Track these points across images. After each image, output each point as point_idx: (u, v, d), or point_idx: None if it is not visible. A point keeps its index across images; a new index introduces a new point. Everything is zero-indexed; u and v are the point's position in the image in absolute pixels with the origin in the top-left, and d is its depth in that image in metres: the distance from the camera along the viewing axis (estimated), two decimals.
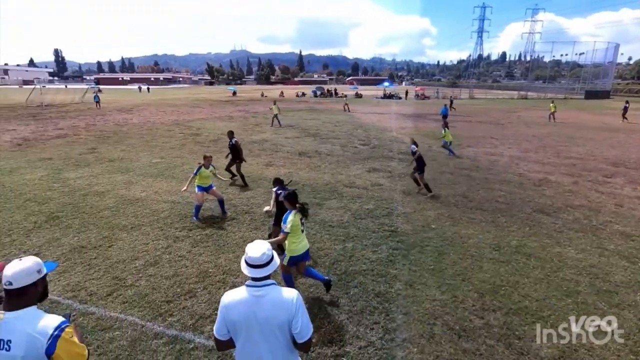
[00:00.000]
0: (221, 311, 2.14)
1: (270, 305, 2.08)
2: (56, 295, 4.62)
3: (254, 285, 2.12)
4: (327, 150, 14.16)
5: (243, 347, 2.14)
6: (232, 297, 2.15)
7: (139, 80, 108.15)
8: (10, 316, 1.83)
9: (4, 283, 1.83)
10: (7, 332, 1.80)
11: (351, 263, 5.51)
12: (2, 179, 9.74)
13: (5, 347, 1.79)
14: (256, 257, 2.11)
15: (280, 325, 2.08)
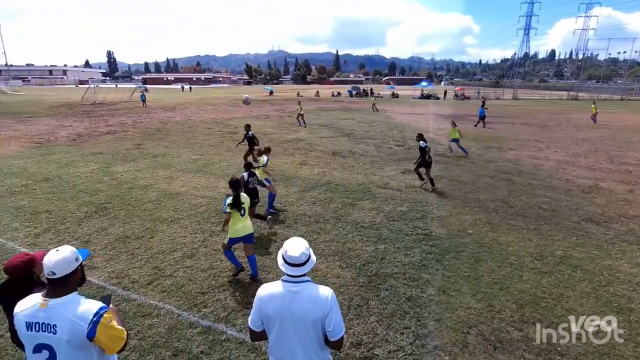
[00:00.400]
0: (257, 304, 2.21)
1: (305, 302, 2.13)
2: (103, 281, 4.95)
3: (290, 282, 2.17)
4: (362, 150, 14.06)
5: (276, 340, 2.20)
6: (268, 290, 2.21)
7: (182, 80, 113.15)
8: (54, 303, 1.96)
9: (47, 273, 1.96)
10: (53, 317, 1.94)
11: (383, 265, 5.44)
12: (60, 171, 10.57)
13: (52, 331, 1.93)
14: (296, 256, 2.15)
15: (314, 322, 2.12)
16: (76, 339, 1.94)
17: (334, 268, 5.34)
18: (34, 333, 1.95)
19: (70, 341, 1.93)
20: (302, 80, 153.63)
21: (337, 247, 5.99)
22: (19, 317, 1.98)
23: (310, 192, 8.84)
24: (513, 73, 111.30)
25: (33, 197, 8.35)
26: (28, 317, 1.96)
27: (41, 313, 1.94)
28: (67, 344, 1.93)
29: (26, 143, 15.05)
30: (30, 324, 1.95)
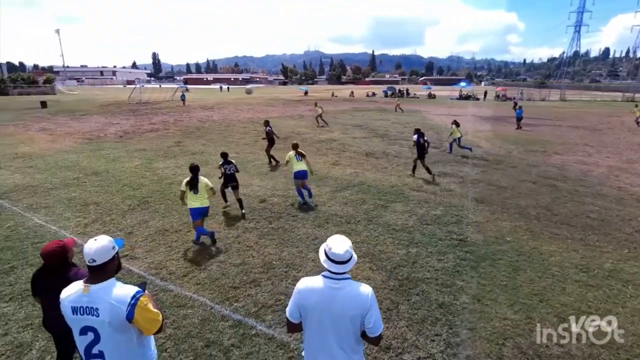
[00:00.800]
0: (296, 296, 2.26)
1: (346, 299, 2.15)
2: (142, 271, 5.22)
3: (332, 278, 2.20)
4: (395, 151, 13.84)
5: (313, 334, 2.24)
6: (308, 284, 2.25)
7: (220, 81, 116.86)
8: (95, 288, 2.12)
9: (88, 261, 2.11)
10: (94, 301, 2.10)
11: (414, 269, 5.32)
12: (107, 165, 11.28)
13: (95, 314, 2.09)
14: (340, 254, 2.17)
15: (353, 318, 2.16)
16: (116, 320, 2.08)
17: (364, 269, 5.30)
18: (79, 316, 2.11)
19: (112, 323, 2.08)
20: (336, 80, 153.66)
21: (368, 249, 5.94)
22: (65, 303, 2.14)
23: (341, 192, 8.82)
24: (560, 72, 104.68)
25: (83, 189, 8.97)
26: (73, 301, 2.12)
27: (84, 298, 2.10)
28: (109, 325, 2.08)
29: (79, 139, 16.20)
30: (75, 308, 2.11)
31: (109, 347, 2.14)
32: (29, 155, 12.75)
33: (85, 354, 2.18)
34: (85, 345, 2.15)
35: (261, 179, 9.87)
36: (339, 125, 21.43)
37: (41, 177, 9.98)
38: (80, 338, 2.15)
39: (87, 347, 2.15)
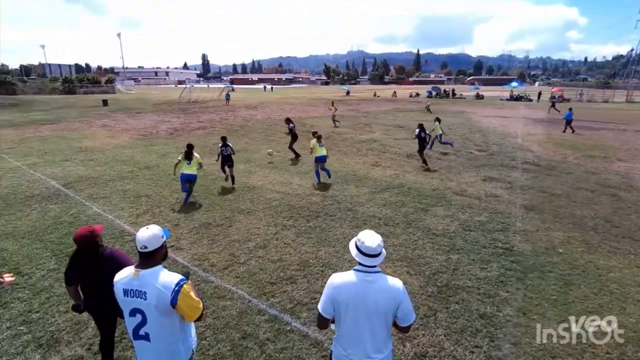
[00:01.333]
0: (330, 291, 2.31)
1: (379, 292, 2.22)
2: (187, 262, 5.50)
3: (364, 271, 2.26)
4: (438, 154, 13.40)
5: (347, 328, 2.29)
6: (342, 279, 2.30)
7: (264, 81, 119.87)
8: (144, 273, 2.28)
9: (140, 247, 2.27)
10: (143, 285, 2.26)
11: (454, 277, 5.12)
12: (158, 160, 12.01)
13: (143, 297, 2.25)
14: (373, 247, 2.23)
15: (386, 310, 2.23)
16: (162, 304, 2.23)
17: (401, 273, 5.19)
18: (130, 298, 2.28)
19: (158, 306, 2.23)
20: (379, 80, 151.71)
21: (406, 253, 5.81)
22: (118, 285, 2.33)
23: (381, 193, 8.70)
24: (628, 72, 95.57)
25: (137, 182, 9.62)
26: (124, 284, 2.29)
27: (134, 281, 2.27)
28: (155, 308, 2.23)
29: (134, 135, 17.39)
30: (126, 290, 2.28)
31: (154, 330, 2.29)
32: (90, 149, 13.91)
33: (133, 335, 2.34)
34: (134, 326, 2.32)
35: (301, 178, 9.99)
36: (380, 125, 21.15)
37: (101, 170, 10.84)
38: (130, 319, 2.32)
39: (135, 328, 2.31)
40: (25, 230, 6.64)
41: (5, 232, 6.54)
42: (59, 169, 10.99)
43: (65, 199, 8.29)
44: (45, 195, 8.49)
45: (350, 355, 2.31)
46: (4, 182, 9.58)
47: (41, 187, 9.12)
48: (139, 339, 2.33)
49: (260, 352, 3.72)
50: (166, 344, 2.33)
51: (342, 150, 13.95)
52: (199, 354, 3.65)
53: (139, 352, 2.39)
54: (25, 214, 7.39)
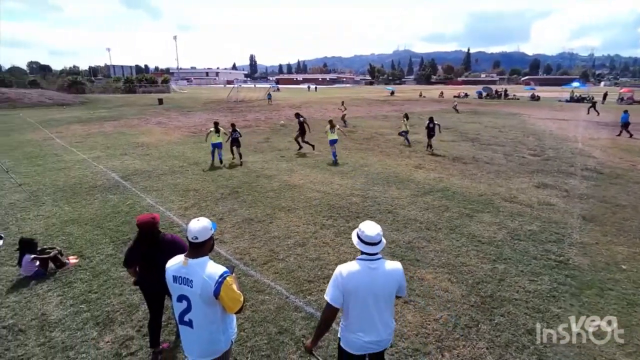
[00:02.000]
0: (338, 281, 2.46)
1: (385, 276, 2.46)
2: (229, 255, 5.72)
3: (368, 259, 2.46)
4: (487, 157, 12.75)
5: (357, 312, 2.48)
6: (349, 268, 2.48)
7: (308, 80, 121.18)
8: (192, 262, 2.41)
9: (191, 238, 2.40)
10: (190, 273, 2.39)
11: (500, 287, 4.85)
12: (206, 157, 12.58)
13: (190, 285, 2.38)
14: (373, 236, 2.44)
15: (391, 291, 2.50)
16: (206, 294, 2.34)
17: (442, 280, 5.01)
18: (178, 285, 2.42)
19: (202, 295, 2.35)
20: (425, 80, 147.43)
21: (448, 259, 5.60)
22: (168, 272, 2.49)
23: (423, 197, 8.46)
24: None
25: (186, 176, 10.16)
26: (174, 271, 2.45)
27: (183, 269, 2.41)
28: (200, 297, 2.36)
29: (185, 132, 18.39)
30: (176, 277, 2.43)
31: (197, 317, 2.41)
32: (146, 145, 14.91)
33: (179, 320, 2.49)
34: (180, 311, 2.46)
35: (342, 178, 9.99)
36: (424, 127, 20.52)
37: (154, 164, 11.59)
38: (177, 304, 2.47)
39: (181, 313, 2.46)
40: (88, 217, 7.27)
41: (72, 218, 7.21)
42: (118, 162, 11.91)
43: (123, 190, 8.97)
44: (106, 186, 9.25)
45: (361, 337, 2.51)
46: (73, 173, 10.56)
47: (103, 179, 9.94)
48: (184, 324, 2.47)
49: (295, 349, 3.78)
50: (208, 332, 2.44)
51: (384, 151, 13.75)
52: (238, 345, 3.78)
53: (184, 336, 2.54)
54: (88, 203, 8.09)
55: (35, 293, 4.78)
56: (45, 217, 7.33)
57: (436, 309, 4.41)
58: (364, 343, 2.52)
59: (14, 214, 7.51)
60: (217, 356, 2.53)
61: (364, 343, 2.52)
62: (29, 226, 6.88)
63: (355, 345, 2.55)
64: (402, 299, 4.55)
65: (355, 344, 2.54)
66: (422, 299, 4.60)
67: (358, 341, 2.52)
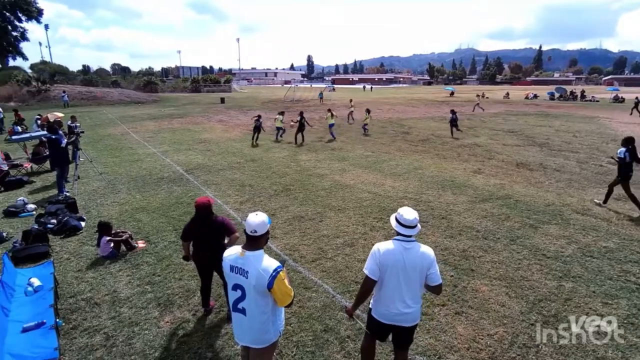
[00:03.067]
0: (375, 256, 2.80)
1: (416, 257, 2.76)
2: (279, 250, 5.88)
3: (403, 240, 2.80)
4: (557, 164, 11.67)
5: (390, 287, 2.79)
6: (386, 246, 2.82)
7: (364, 81, 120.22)
8: (249, 254, 2.53)
9: (250, 231, 2.53)
10: (246, 265, 2.51)
11: (566, 308, 4.42)
12: (262, 154, 13.09)
13: (245, 275, 2.50)
14: (410, 219, 2.78)
15: (421, 271, 2.76)
16: (260, 285, 2.46)
17: (499, 294, 4.69)
18: (234, 274, 2.56)
19: (256, 286, 2.47)
20: (489, 80, 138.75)
21: (506, 272, 5.22)
22: (226, 261, 2.64)
23: (481, 204, 7.99)
24: None
25: (242, 172, 10.65)
26: (232, 261, 2.59)
27: (240, 260, 2.54)
28: (254, 288, 2.48)
29: (244, 130, 19.24)
30: (232, 267, 2.57)
31: (250, 307, 2.54)
32: (208, 141, 15.88)
33: (233, 307, 2.64)
34: (234, 299, 2.61)
35: (394, 180, 9.78)
36: (486, 129, 19.38)
37: (215, 160, 12.30)
38: (232, 293, 2.62)
39: (235, 301, 2.61)
40: (155, 206, 7.93)
41: (141, 206, 7.91)
42: (183, 156, 12.83)
43: (186, 182, 9.65)
44: (172, 178, 10.01)
45: (390, 309, 2.82)
46: (144, 165, 11.59)
47: (169, 171, 10.77)
48: (237, 311, 2.61)
49: (340, 348, 3.78)
50: (259, 321, 2.56)
51: (440, 154, 13.19)
52: (284, 338, 3.88)
53: (236, 323, 2.69)
54: (156, 193, 8.82)
55: (108, 271, 5.33)
56: (119, 203, 8.14)
57: (491, 323, 4.14)
58: (393, 315, 2.83)
59: (95, 199, 8.44)
60: (266, 345, 2.65)
61: (393, 315, 2.83)
62: (106, 211, 7.68)
63: (384, 315, 2.88)
64: (453, 308, 4.35)
65: (385, 314, 2.87)
66: (476, 311, 4.35)
67: (387, 312, 2.85)
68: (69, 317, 4.30)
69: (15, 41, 31.71)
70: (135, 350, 3.76)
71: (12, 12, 30.77)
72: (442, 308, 4.41)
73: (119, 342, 3.89)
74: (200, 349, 3.79)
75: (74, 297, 4.70)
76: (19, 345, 3.47)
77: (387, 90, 78.59)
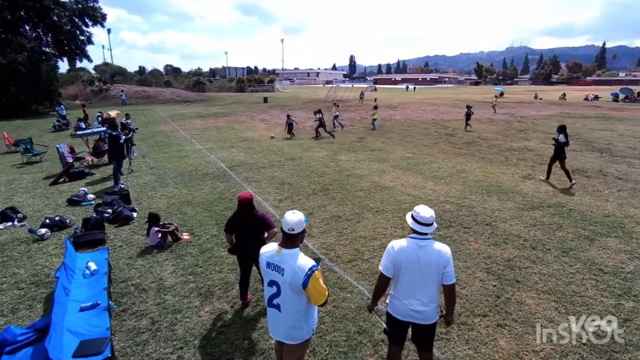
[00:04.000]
0: (390, 253, 2.85)
1: (431, 254, 2.75)
2: (316, 249, 5.93)
3: (418, 238, 2.80)
4: (619, 172, 10.69)
5: (405, 284, 2.82)
6: (400, 244, 2.85)
7: (407, 80, 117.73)
8: (285, 252, 2.57)
9: (287, 229, 2.56)
10: (283, 262, 2.55)
11: (625, 329, 4.03)
12: (302, 153, 13.24)
13: (281, 272, 2.54)
14: (426, 217, 2.78)
15: (437, 268, 2.74)
16: (295, 283, 2.49)
17: (548, 309, 4.38)
18: (270, 271, 2.62)
19: (291, 284, 2.51)
20: (543, 80, 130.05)
21: (556, 285, 4.87)
22: (262, 257, 2.69)
23: (530, 211, 7.51)
24: None
25: (282, 171, 10.84)
26: (268, 258, 2.64)
27: (276, 257, 2.59)
28: (289, 285, 2.52)
29: (285, 129, 19.57)
30: (269, 263, 2.63)
31: (285, 303, 2.59)
32: (250, 139, 16.35)
33: (268, 302, 2.70)
34: (269, 295, 2.67)
35: (435, 183, 9.48)
36: (538, 132, 18.19)
37: (256, 157, 12.64)
38: (267, 288, 2.68)
39: (270, 297, 2.66)
40: (200, 200, 8.31)
41: (187, 200, 8.33)
42: (226, 153, 13.32)
43: (229, 179, 10.01)
44: (216, 175, 10.43)
45: (407, 305, 2.83)
46: (190, 161, 12.19)
47: (213, 168, 11.24)
48: (272, 307, 2.67)
49: (373, 352, 3.73)
50: (293, 318, 2.61)
51: (486, 158, 12.58)
52: (317, 337, 3.90)
53: (271, 318, 2.76)
54: (201, 188, 9.24)
55: (155, 260, 5.67)
56: (167, 197, 8.62)
57: (537, 339, 3.88)
58: (408, 311, 2.84)
59: (146, 192, 9.00)
60: (299, 342, 2.69)
61: (408, 311, 2.84)
62: (155, 203, 8.18)
63: (400, 312, 2.90)
64: (495, 320, 4.14)
65: (400, 311, 2.89)
66: (520, 325, 4.10)
67: (403, 308, 2.86)
68: (119, 300, 4.63)
69: (82, 45, 34.53)
70: (177, 337, 3.97)
71: (80, 18, 33.60)
72: (483, 319, 4.21)
73: (163, 327, 4.12)
74: (237, 340, 3.91)
75: (124, 282, 5.06)
76: (76, 323, 3.80)
77: (432, 91, 76.35)
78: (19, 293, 4.83)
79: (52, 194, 9.04)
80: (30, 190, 9.33)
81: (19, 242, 6.33)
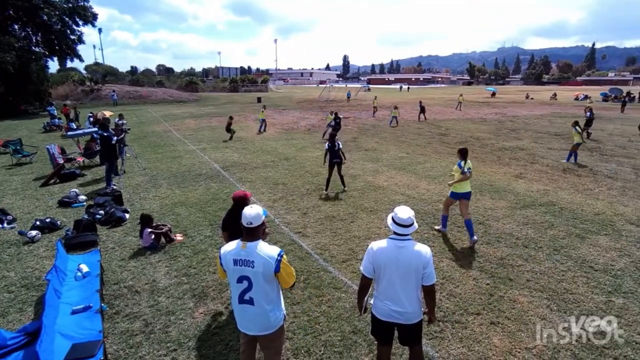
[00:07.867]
0: (370, 254, 2.86)
1: (410, 255, 2.75)
2: (310, 249, 5.92)
3: (397, 239, 2.81)
4: (609, 170, 10.86)
5: (384, 285, 2.84)
6: (379, 245, 2.86)
7: (400, 81, 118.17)
8: (250, 245, 2.65)
9: (246, 223, 2.64)
10: (251, 255, 2.62)
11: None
12: (296, 153, 13.23)
13: (251, 265, 2.61)
14: (404, 218, 2.79)
15: (416, 270, 2.75)
16: (267, 271, 2.60)
17: (539, 306, 4.43)
18: (239, 267, 2.65)
19: (264, 273, 2.59)
20: (534, 80, 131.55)
21: (548, 283, 4.93)
22: (227, 256, 2.70)
23: (522, 210, 7.60)
24: None
25: (276, 171, 10.82)
26: (234, 255, 2.67)
27: (242, 252, 2.64)
28: (262, 275, 2.59)
29: (278, 129, 19.57)
30: (236, 260, 2.65)
31: (258, 295, 2.65)
32: (244, 140, 16.30)
33: (239, 300, 2.70)
34: (240, 291, 2.68)
35: (429, 183, 9.54)
36: (530, 132, 18.41)
37: (250, 158, 12.60)
38: (237, 285, 2.69)
39: (241, 293, 2.68)
40: (193, 201, 8.26)
41: (180, 201, 8.27)
42: (220, 154, 13.26)
43: (222, 179, 9.96)
44: (209, 175, 10.38)
45: (389, 305, 2.85)
46: (184, 162, 12.11)
47: (207, 168, 11.18)
48: (244, 302, 2.69)
49: (368, 351, 3.74)
50: (267, 308, 2.68)
51: (479, 157, 12.68)
52: (312, 337, 3.90)
53: (242, 315, 2.76)
54: (194, 188, 9.18)
55: (149, 262, 5.62)
56: (160, 197, 8.56)
57: (529, 336, 3.93)
58: (390, 312, 2.85)
59: (138, 193, 8.92)
60: (276, 329, 2.77)
61: (390, 312, 2.85)
62: (148, 204, 8.11)
63: (382, 312, 2.91)
64: (488, 318, 4.18)
65: (382, 311, 2.90)
66: (513, 322, 4.14)
67: (385, 309, 2.88)
68: (112, 302, 4.59)
69: (73, 44, 34.12)
70: (171, 338, 3.94)
71: (71, 18, 33.19)
72: (477, 317, 4.24)
73: (156, 329, 4.09)
74: (231, 341, 3.90)
75: (117, 284, 5.01)
76: (68, 326, 3.75)
77: (425, 90, 76.80)
78: (9, 296, 4.76)
79: (43, 195, 8.92)
80: (20, 192, 9.19)
81: (9, 245, 6.24)
